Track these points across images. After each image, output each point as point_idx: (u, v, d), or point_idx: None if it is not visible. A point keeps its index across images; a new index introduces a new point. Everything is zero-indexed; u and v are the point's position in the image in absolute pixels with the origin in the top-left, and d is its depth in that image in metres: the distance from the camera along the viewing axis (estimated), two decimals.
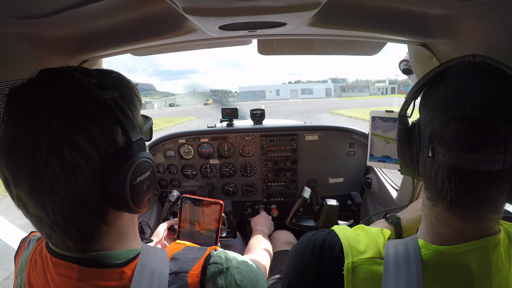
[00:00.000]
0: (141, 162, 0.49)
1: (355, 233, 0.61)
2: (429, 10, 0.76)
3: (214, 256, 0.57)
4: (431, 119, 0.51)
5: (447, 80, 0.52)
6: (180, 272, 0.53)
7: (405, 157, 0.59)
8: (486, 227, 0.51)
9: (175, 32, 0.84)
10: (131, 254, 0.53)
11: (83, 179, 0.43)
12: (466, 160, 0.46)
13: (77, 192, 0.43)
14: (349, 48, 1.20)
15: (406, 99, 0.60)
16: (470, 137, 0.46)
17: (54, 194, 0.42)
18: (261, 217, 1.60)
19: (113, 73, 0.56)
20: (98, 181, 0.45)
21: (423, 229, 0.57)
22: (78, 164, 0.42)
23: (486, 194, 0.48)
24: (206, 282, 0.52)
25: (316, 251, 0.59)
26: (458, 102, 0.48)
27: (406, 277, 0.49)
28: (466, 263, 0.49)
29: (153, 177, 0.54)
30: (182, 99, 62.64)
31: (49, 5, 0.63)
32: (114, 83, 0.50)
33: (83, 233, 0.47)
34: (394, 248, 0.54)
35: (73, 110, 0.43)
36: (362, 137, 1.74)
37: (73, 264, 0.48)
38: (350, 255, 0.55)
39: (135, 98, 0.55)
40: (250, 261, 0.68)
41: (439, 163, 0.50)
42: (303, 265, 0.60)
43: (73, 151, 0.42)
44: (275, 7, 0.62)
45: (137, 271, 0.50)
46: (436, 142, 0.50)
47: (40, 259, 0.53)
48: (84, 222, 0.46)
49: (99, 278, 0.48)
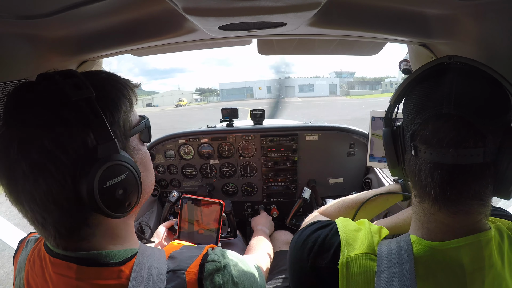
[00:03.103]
0: (112, 165, 0.47)
1: (356, 229, 0.62)
2: (429, 10, 0.76)
3: (211, 254, 0.58)
4: (411, 119, 0.53)
5: (425, 82, 0.54)
6: (178, 270, 0.53)
7: (391, 158, 0.60)
8: (473, 221, 0.52)
9: (175, 32, 0.84)
10: (129, 253, 0.53)
11: (52, 180, 0.44)
12: (446, 155, 0.48)
13: (47, 192, 0.44)
14: (349, 48, 1.20)
15: (390, 102, 0.63)
16: (448, 133, 0.48)
17: (26, 192, 0.44)
18: (262, 217, 1.60)
19: (102, 73, 0.55)
20: (69, 182, 0.44)
21: (413, 225, 0.59)
22: (46, 165, 0.43)
23: (468, 187, 0.49)
24: (204, 279, 0.53)
25: (317, 246, 0.61)
26: (436, 101, 0.50)
27: (399, 274, 0.50)
28: (458, 258, 0.50)
29: (131, 182, 0.50)
30: (160, 99, 54.73)
31: (49, 5, 0.63)
32: (98, 84, 0.50)
33: (61, 232, 0.48)
34: (386, 246, 0.55)
35: (43, 112, 0.45)
36: (362, 137, 1.74)
37: (71, 263, 0.49)
38: (346, 251, 0.56)
39: (122, 98, 0.53)
40: (249, 259, 0.68)
41: (421, 160, 0.52)
42: (301, 256, 0.62)
43: (40, 152, 0.43)
44: (275, 7, 0.62)
45: (135, 270, 0.50)
46: (417, 141, 0.52)
47: (38, 259, 0.53)
48: (59, 222, 0.47)
49: (97, 277, 0.48)
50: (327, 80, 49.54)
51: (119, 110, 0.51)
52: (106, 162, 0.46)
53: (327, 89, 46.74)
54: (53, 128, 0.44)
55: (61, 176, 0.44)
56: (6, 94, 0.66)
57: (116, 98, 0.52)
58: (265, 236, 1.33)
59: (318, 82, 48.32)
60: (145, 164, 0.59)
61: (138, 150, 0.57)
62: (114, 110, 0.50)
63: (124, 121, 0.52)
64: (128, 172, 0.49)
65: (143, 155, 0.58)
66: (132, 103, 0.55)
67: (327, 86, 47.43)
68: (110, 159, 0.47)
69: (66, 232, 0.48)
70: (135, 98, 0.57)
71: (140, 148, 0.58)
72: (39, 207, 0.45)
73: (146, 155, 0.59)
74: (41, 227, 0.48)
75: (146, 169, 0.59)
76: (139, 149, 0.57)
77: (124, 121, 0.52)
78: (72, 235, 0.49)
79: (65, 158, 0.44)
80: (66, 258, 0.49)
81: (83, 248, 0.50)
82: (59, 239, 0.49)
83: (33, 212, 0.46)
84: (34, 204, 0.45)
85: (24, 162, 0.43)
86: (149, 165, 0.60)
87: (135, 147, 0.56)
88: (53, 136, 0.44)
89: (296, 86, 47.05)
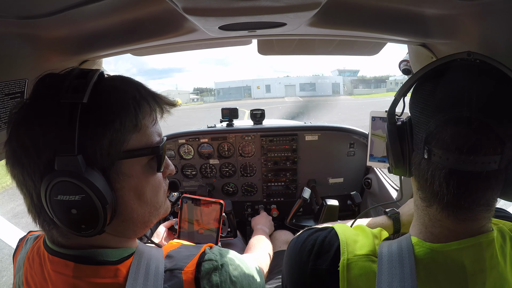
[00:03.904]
0: (63, 181, 0.42)
1: (355, 233, 0.61)
2: (429, 10, 0.76)
3: (208, 253, 0.57)
4: (425, 119, 0.50)
5: (441, 79, 0.50)
6: (175, 269, 0.53)
7: (396, 157, 0.56)
8: (478, 226, 0.51)
9: (175, 32, 0.84)
10: (126, 252, 0.53)
11: (25, 172, 0.45)
12: (465, 162, 0.45)
13: (21, 181, 0.46)
14: (349, 48, 1.20)
15: (395, 97, 0.59)
16: (468, 139, 0.45)
17: (10, 174, 0.47)
18: (262, 217, 1.60)
19: (117, 80, 0.51)
20: (38, 180, 0.45)
21: (415, 228, 0.57)
22: (21, 157, 0.45)
23: (482, 194, 0.48)
24: (201, 278, 0.52)
25: (316, 247, 0.60)
26: (455, 102, 0.46)
27: (400, 275, 0.49)
28: (460, 260, 0.50)
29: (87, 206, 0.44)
30: None
31: (49, 5, 0.63)
32: (103, 91, 0.47)
33: (37, 221, 0.49)
34: (387, 247, 0.54)
35: (37, 107, 0.46)
36: (362, 137, 1.74)
37: (69, 261, 0.49)
38: (346, 253, 0.55)
39: (121, 114, 0.46)
40: (248, 258, 0.68)
41: (435, 165, 0.48)
42: (301, 260, 0.61)
43: (20, 145, 0.45)
44: (275, 7, 0.62)
45: (132, 269, 0.50)
46: (432, 144, 0.48)
47: (37, 257, 0.53)
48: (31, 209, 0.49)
49: (94, 275, 0.48)
50: (330, 79, 45.39)
51: (107, 126, 0.45)
52: (57, 177, 0.42)
53: (330, 88, 42.55)
54: (33, 126, 0.44)
55: (32, 172, 0.45)
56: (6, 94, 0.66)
57: (111, 112, 0.46)
58: (265, 235, 1.33)
59: (320, 80, 44.41)
60: (140, 193, 0.51)
61: (130, 177, 0.49)
62: (100, 124, 0.45)
63: (113, 139, 0.45)
64: (84, 195, 0.43)
65: (137, 184, 0.50)
66: (138, 123, 0.48)
67: (329, 85, 43.20)
68: (64, 174, 0.42)
69: (42, 224, 0.49)
70: (152, 117, 0.51)
71: (135, 176, 0.50)
72: (25, 197, 0.48)
73: (144, 185, 0.52)
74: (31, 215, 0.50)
75: (140, 199, 0.52)
76: (132, 176, 0.49)
77: (113, 139, 0.45)
78: (52, 229, 0.49)
79: (37, 157, 0.44)
80: (63, 256, 0.49)
81: (81, 246, 0.50)
82: (41, 227, 0.50)
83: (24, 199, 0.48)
84: (17, 185, 0.47)
85: (9, 145, 0.46)
86: (149, 196, 0.53)
87: (126, 173, 0.48)
88: (32, 134, 0.44)
89: (297, 85, 43.39)
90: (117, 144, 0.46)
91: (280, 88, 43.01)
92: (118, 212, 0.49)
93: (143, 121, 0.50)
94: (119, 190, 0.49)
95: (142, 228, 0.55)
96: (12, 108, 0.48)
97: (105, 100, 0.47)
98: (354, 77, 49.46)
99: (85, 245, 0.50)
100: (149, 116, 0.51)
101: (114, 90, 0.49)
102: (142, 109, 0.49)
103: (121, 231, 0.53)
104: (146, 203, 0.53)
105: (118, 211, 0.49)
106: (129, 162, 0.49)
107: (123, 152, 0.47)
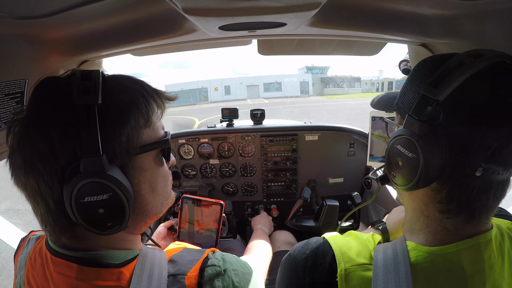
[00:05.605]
0: (91, 182, 0.43)
1: (346, 240, 0.60)
2: (429, 10, 0.76)
3: (211, 258, 0.57)
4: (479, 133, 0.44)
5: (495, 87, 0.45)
6: (178, 274, 0.53)
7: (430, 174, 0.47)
8: (480, 226, 0.52)
9: (175, 32, 0.84)
10: (130, 255, 0.53)
11: (41, 179, 0.44)
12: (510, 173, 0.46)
13: (36, 189, 0.45)
14: (349, 48, 1.20)
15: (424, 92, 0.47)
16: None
17: (21, 185, 0.46)
18: (262, 217, 1.60)
19: (126, 80, 0.52)
20: (56, 185, 0.44)
21: (414, 232, 0.56)
22: (36, 164, 0.44)
23: (499, 201, 0.49)
24: (204, 284, 0.52)
25: (309, 260, 0.58)
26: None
27: (396, 281, 0.49)
28: (458, 262, 0.49)
29: (114, 203, 0.45)
30: None
31: (49, 5, 0.63)
32: (114, 91, 0.47)
33: (48, 228, 0.49)
34: (382, 252, 0.54)
35: (46, 112, 0.45)
36: (362, 137, 1.74)
37: (72, 263, 0.49)
38: (343, 262, 0.54)
39: (134, 111, 0.48)
40: (249, 262, 0.68)
41: (487, 180, 0.45)
42: (297, 275, 0.59)
43: (32, 151, 0.43)
44: (275, 7, 0.62)
45: (135, 273, 0.50)
46: (491, 162, 0.44)
47: (39, 258, 0.53)
48: (45, 218, 0.48)
49: (97, 278, 0.48)
50: (297, 77, 38.51)
51: (124, 124, 0.47)
52: (85, 178, 0.43)
53: (298, 87, 36.92)
54: (49, 130, 0.43)
55: (49, 178, 0.44)
56: (6, 94, 0.66)
57: (126, 110, 0.48)
58: (264, 236, 1.33)
59: (287, 79, 37.26)
60: (153, 185, 0.54)
61: (145, 170, 0.52)
62: (117, 123, 0.46)
63: (129, 136, 0.47)
64: (112, 193, 0.45)
65: (151, 176, 0.53)
66: (149, 119, 0.50)
67: (297, 84, 37.17)
68: (91, 175, 0.43)
69: (54, 230, 0.48)
70: (157, 113, 0.53)
71: (149, 169, 0.52)
72: (31, 200, 0.46)
73: (157, 177, 0.54)
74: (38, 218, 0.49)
75: (154, 191, 0.54)
76: (147, 169, 0.52)
77: (129, 136, 0.47)
78: (62, 234, 0.49)
79: (54, 162, 0.43)
80: (67, 258, 0.49)
81: (84, 248, 0.50)
82: (52, 234, 0.49)
83: (30, 202, 0.47)
84: (27, 196, 0.46)
85: (19, 156, 0.44)
86: (160, 187, 0.55)
87: (141, 167, 0.51)
88: (47, 138, 0.43)
89: (261, 85, 36.57)
90: (133, 141, 0.48)
91: (241, 89, 36.49)
92: (134, 206, 0.51)
93: (152, 117, 0.52)
94: (136, 185, 0.50)
95: (153, 220, 0.57)
96: (14, 113, 0.47)
97: (118, 100, 0.48)
98: (324, 75, 42.67)
99: (92, 247, 0.50)
100: (156, 111, 0.53)
101: (124, 89, 0.50)
102: (150, 106, 0.51)
103: (133, 225, 0.54)
104: (158, 194, 0.55)
105: (134, 205, 0.51)
106: (143, 157, 0.51)
107: (138, 147, 0.49)
